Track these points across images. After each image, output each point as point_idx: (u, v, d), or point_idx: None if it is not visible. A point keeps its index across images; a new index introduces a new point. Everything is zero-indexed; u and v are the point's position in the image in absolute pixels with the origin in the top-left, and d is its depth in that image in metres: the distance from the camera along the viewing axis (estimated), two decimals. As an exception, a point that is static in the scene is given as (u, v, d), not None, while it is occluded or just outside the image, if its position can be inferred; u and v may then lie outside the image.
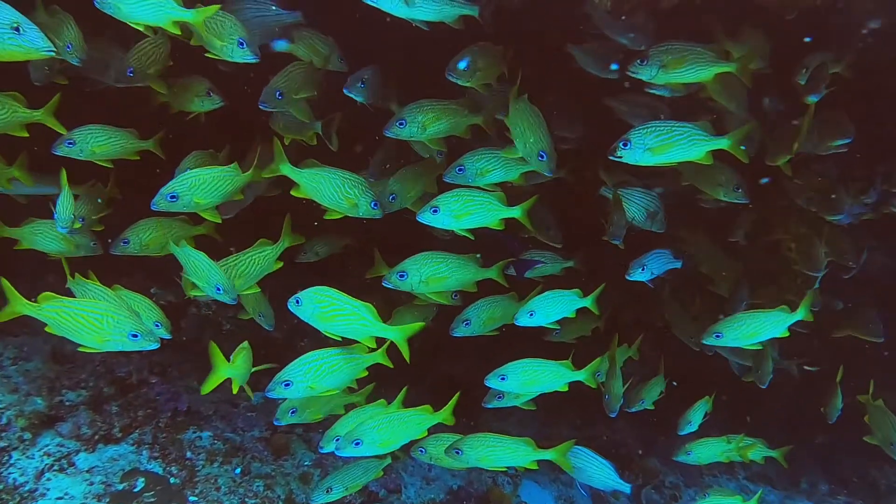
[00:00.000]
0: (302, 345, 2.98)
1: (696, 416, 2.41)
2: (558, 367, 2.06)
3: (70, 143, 1.98)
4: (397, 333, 1.79)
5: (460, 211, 1.95)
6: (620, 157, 1.80)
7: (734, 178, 2.21)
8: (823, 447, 3.44)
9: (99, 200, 2.22)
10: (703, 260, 2.61)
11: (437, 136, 2.10)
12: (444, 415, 1.91)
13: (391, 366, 1.91)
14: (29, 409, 2.28)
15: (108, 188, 2.25)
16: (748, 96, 2.10)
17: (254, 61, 1.84)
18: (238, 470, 2.41)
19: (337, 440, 1.82)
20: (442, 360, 3.16)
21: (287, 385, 1.78)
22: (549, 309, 2.12)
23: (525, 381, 2.02)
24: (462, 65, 1.97)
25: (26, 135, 1.97)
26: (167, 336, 1.97)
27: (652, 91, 2.16)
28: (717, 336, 2.10)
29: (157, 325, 2.01)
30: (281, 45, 2.13)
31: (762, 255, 2.70)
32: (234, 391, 1.98)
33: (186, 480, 2.26)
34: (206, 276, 1.88)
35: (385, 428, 1.80)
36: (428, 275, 2.03)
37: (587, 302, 2.19)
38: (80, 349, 1.71)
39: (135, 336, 1.66)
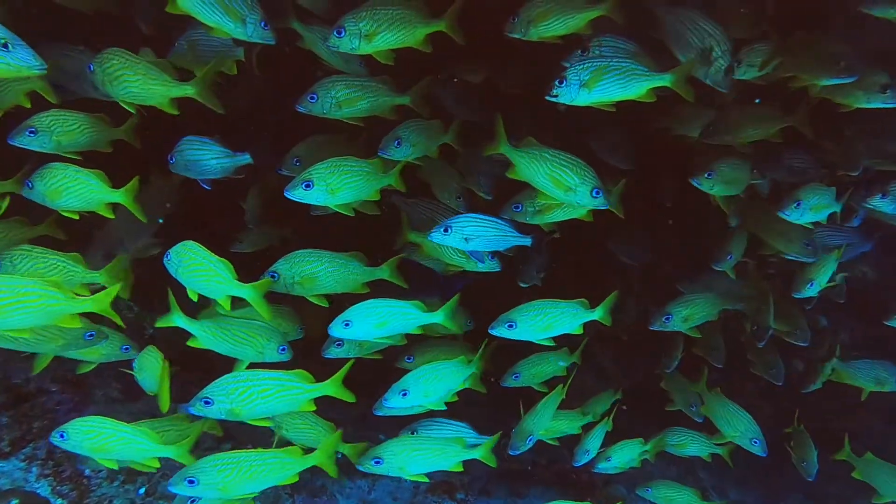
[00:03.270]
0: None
1: (593, 442, 2.20)
2: (411, 308, 1.84)
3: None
4: (251, 291, 1.68)
5: (336, 184, 1.74)
6: (556, 96, 1.63)
7: None
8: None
9: None
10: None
11: (355, 115, 1.91)
12: (320, 458, 1.66)
13: (352, 399, 1.71)
14: None
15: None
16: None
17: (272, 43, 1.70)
18: (142, 490, 2.17)
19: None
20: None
21: (207, 403, 1.62)
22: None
23: (374, 323, 1.80)
24: (337, 31, 1.71)
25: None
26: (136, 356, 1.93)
27: None
28: (510, 326, 1.87)
29: (125, 349, 1.96)
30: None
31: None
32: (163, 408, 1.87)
33: (74, 502, 2.03)
34: (254, 339, 1.80)
35: (232, 469, 1.55)
36: (302, 275, 1.82)
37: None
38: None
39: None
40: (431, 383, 1.85)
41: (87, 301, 1.57)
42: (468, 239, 1.84)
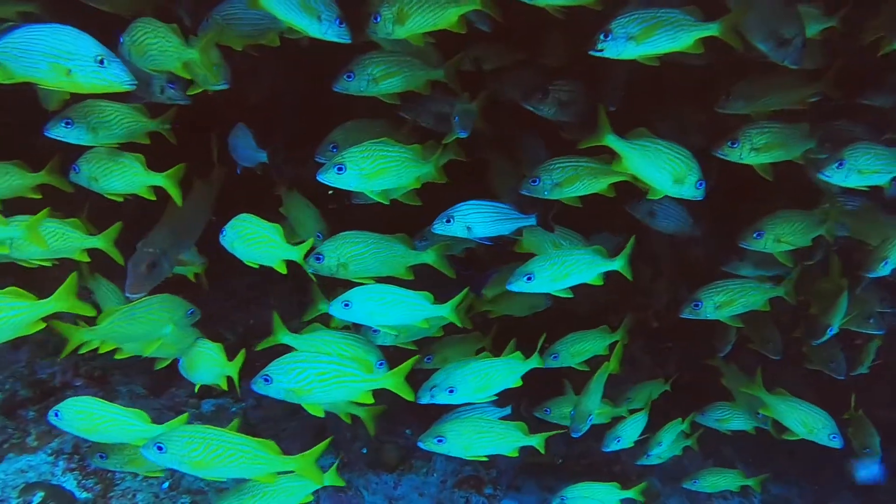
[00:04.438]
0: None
1: (625, 430, 2.11)
2: (418, 298, 1.79)
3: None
4: (297, 252, 1.72)
5: (371, 169, 1.68)
6: (602, 51, 1.55)
7: None
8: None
9: None
10: None
11: (391, 90, 1.86)
12: (299, 464, 1.60)
13: (411, 397, 1.70)
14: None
15: None
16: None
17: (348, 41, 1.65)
18: (166, 485, 2.15)
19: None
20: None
21: (267, 381, 1.61)
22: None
23: (375, 308, 1.75)
24: (374, 17, 1.65)
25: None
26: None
27: None
28: (529, 278, 1.79)
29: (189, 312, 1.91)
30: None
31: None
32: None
33: (99, 496, 2.02)
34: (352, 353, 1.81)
35: (199, 445, 1.50)
36: (348, 256, 1.77)
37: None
38: None
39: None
40: (481, 380, 1.81)
41: (49, 302, 1.51)
42: (470, 227, 1.80)
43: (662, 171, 1.65)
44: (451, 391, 1.81)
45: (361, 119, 2.04)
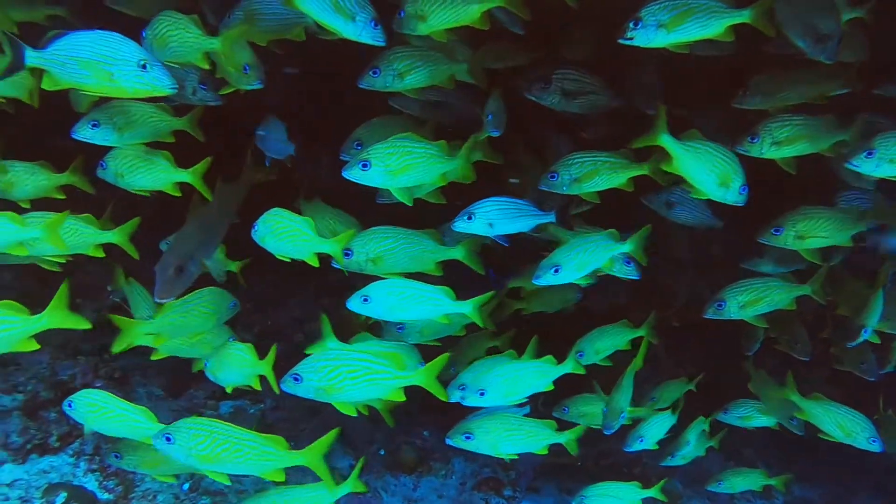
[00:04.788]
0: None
1: (649, 430, 2.08)
2: (438, 294, 1.73)
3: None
4: (334, 245, 1.72)
5: (396, 165, 1.66)
6: (632, 39, 1.53)
7: None
8: (883, 468, 2.99)
9: None
10: None
11: (416, 85, 1.84)
12: (308, 457, 1.58)
13: (444, 398, 1.68)
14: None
15: None
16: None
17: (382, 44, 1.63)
18: (186, 486, 2.15)
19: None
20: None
21: (296, 380, 1.58)
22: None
23: (394, 303, 1.70)
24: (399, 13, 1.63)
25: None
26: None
27: None
28: (556, 271, 1.77)
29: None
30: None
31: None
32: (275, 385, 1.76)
33: (120, 496, 2.03)
34: None
35: (205, 438, 1.49)
36: (377, 252, 1.75)
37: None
38: None
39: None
40: (511, 383, 1.80)
41: (41, 318, 1.49)
42: (492, 224, 1.77)
43: (710, 173, 1.63)
44: (482, 394, 1.79)
45: (385, 116, 2.02)
